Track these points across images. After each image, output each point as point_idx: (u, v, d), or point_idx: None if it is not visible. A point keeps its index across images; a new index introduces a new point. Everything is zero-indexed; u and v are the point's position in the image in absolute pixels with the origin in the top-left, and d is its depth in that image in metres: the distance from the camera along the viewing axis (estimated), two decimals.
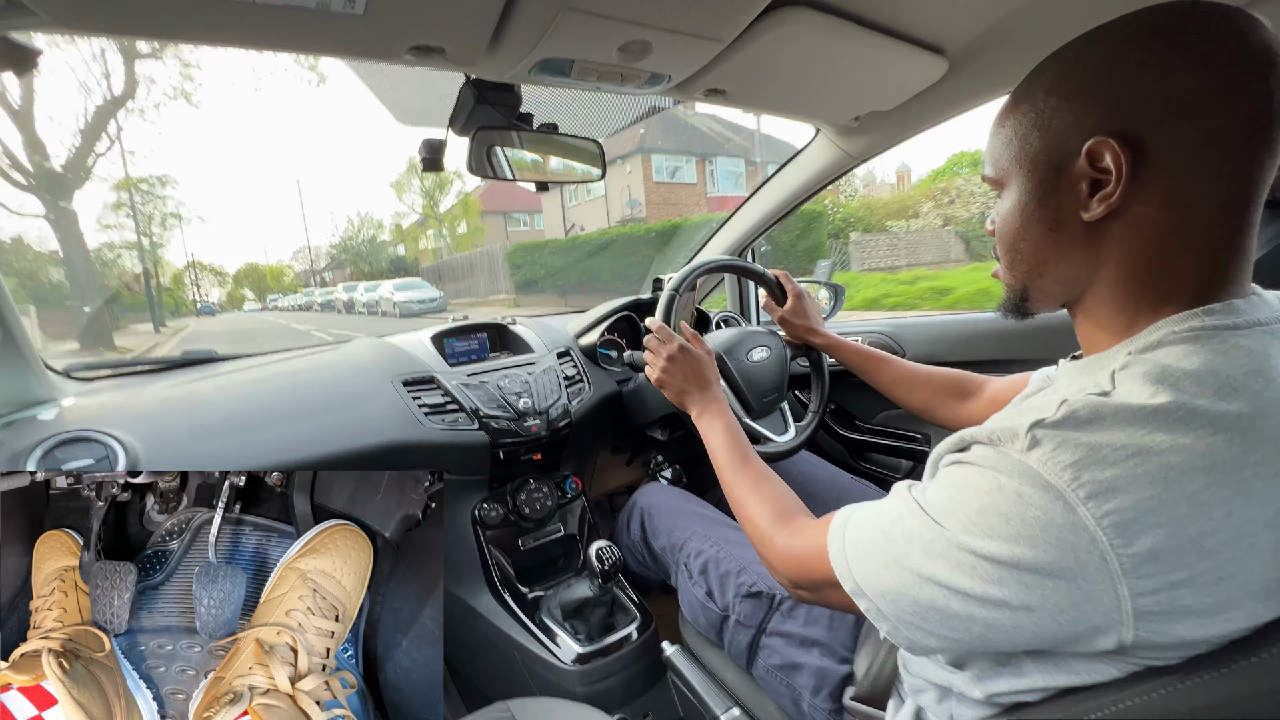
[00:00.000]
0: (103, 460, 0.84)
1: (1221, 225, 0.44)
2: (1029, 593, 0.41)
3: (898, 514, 0.50)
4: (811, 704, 0.80)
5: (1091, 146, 0.45)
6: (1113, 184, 0.45)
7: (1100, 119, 0.45)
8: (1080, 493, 0.39)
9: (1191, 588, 0.38)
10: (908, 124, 1.19)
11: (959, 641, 0.47)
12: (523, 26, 0.74)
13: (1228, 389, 0.40)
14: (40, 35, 0.68)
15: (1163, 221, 0.45)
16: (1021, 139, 0.51)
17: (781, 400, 1.26)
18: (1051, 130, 0.49)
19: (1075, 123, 0.47)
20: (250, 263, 67.24)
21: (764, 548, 0.69)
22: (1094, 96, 0.46)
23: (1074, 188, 0.48)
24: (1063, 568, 0.39)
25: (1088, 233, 0.48)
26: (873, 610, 0.51)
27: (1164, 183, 0.44)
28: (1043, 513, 0.40)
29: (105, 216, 22.68)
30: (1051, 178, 0.49)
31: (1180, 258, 0.45)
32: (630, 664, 1.14)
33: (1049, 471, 0.40)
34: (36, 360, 0.95)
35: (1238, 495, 0.38)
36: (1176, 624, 0.39)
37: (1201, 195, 0.44)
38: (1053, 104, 0.48)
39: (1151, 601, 0.38)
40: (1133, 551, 0.38)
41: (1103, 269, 0.49)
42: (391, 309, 18.65)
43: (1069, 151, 0.47)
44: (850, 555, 0.53)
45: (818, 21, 0.82)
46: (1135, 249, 0.47)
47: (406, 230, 33.13)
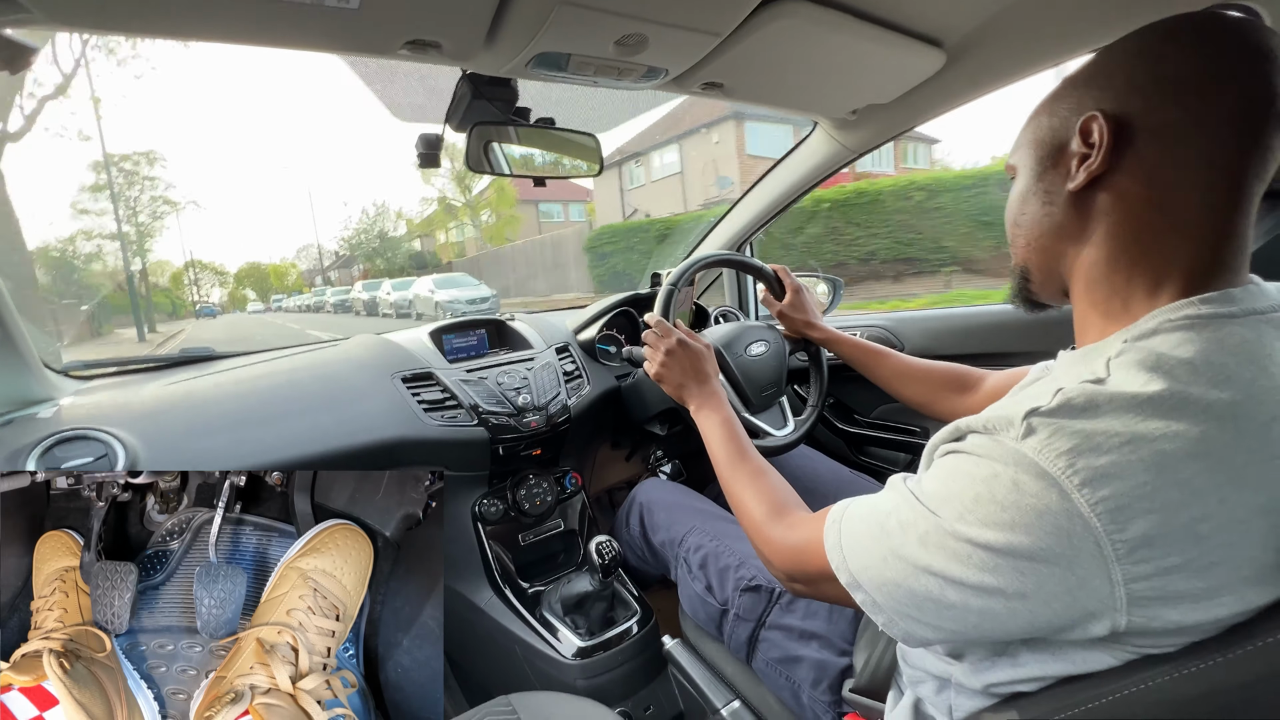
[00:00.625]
0: (102, 459, 0.84)
1: (1208, 210, 0.45)
2: (1024, 580, 0.41)
3: (893, 506, 0.50)
4: (811, 696, 0.81)
5: (1083, 123, 0.48)
6: (1095, 154, 0.48)
7: (1096, 100, 0.49)
8: (1075, 479, 0.39)
9: (1184, 573, 0.39)
10: (906, 117, 1.18)
11: (955, 632, 0.47)
12: (519, 20, 0.73)
13: (1221, 377, 0.41)
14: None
15: (1145, 197, 0.47)
16: (1034, 127, 0.55)
17: (780, 395, 1.26)
18: (1057, 115, 0.52)
19: (1077, 106, 0.50)
20: (252, 261, 64.42)
21: (760, 542, 0.70)
22: (1095, 83, 0.49)
23: (1067, 164, 0.51)
24: (1057, 554, 0.40)
25: (1074, 203, 0.51)
26: (869, 602, 0.51)
27: (1147, 159, 0.46)
28: (1037, 500, 0.40)
29: (82, 200, 19.64)
30: (1053, 155, 0.53)
31: (1167, 238, 0.47)
32: (630, 658, 1.15)
33: (1044, 459, 0.41)
34: (35, 359, 0.95)
35: (1230, 482, 0.38)
36: (1169, 609, 0.40)
37: (1185, 176, 0.45)
38: (1063, 91, 0.52)
39: (1144, 587, 0.39)
40: (1126, 537, 0.38)
41: (1091, 241, 0.51)
42: (432, 311, 14.97)
43: (1068, 133, 0.51)
44: (846, 548, 0.54)
45: (815, 14, 0.81)
46: (1120, 222, 0.49)
47: (433, 219, 29.50)
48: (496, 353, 1.38)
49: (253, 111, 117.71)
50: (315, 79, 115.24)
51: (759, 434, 1.17)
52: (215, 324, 27.42)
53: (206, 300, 50.28)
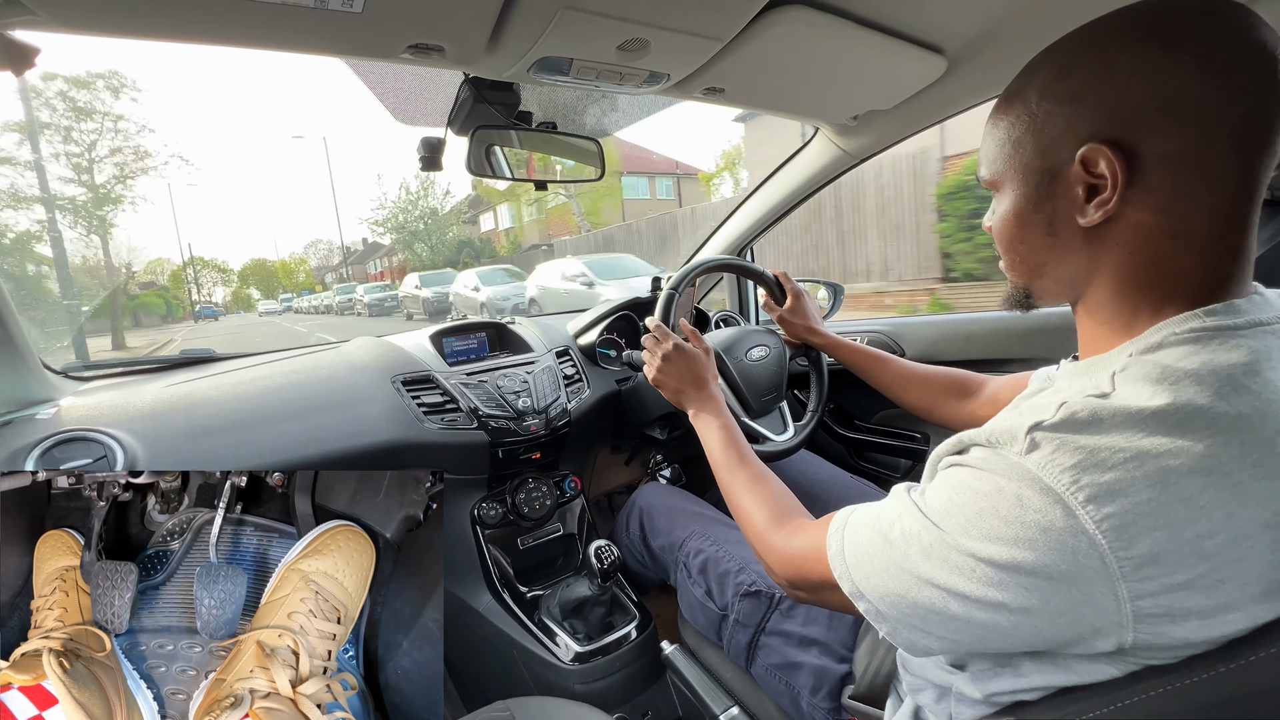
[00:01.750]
0: (101, 460, 0.84)
1: (1219, 226, 0.44)
2: (1028, 596, 0.41)
3: (896, 516, 0.50)
4: (810, 703, 0.81)
5: (1085, 153, 0.45)
6: (1109, 190, 0.45)
7: (1094, 125, 0.45)
8: (1079, 496, 0.39)
9: (1191, 590, 0.38)
10: (907, 123, 1.19)
11: (958, 643, 0.47)
12: (522, 25, 0.74)
13: (1227, 389, 0.40)
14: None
15: (1159, 226, 0.45)
16: (1015, 142, 0.51)
17: (780, 399, 1.27)
18: (1045, 135, 0.48)
19: (1068, 128, 0.47)
20: (257, 258, 59.18)
21: (761, 548, 0.69)
22: (1086, 102, 0.45)
23: (1069, 193, 0.47)
24: (1062, 571, 0.39)
25: (1086, 237, 0.48)
26: (872, 611, 0.51)
27: (1160, 188, 0.44)
28: (1042, 516, 0.40)
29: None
30: (1046, 182, 0.49)
31: (1179, 260, 0.45)
32: (629, 663, 1.14)
33: (1048, 474, 0.40)
34: (35, 360, 0.95)
35: (1236, 498, 0.38)
36: (1176, 626, 0.39)
37: (1198, 199, 0.43)
38: (1045, 108, 0.48)
39: (1151, 604, 0.38)
40: (1132, 554, 0.38)
41: (1101, 271, 0.49)
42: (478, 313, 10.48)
43: (1063, 157, 0.47)
44: (849, 557, 0.53)
45: (816, 20, 0.82)
46: (1133, 253, 0.46)
47: (507, 192, 22.95)
48: (497, 356, 1.38)
49: (255, 67, 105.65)
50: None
51: (759, 439, 1.17)
52: (215, 328, 24.39)
53: (209, 300, 46.69)
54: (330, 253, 42.03)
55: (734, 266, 1.31)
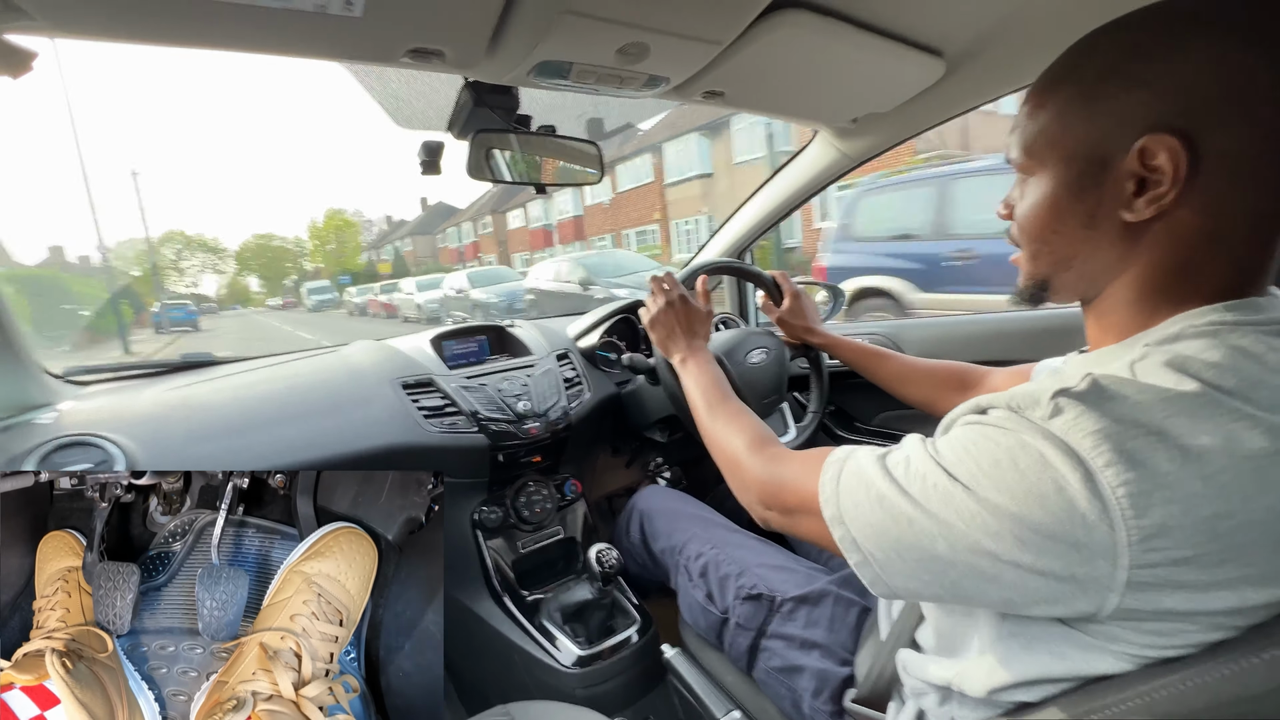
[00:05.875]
0: (100, 464, 0.84)
1: (1257, 231, 0.44)
2: (1023, 550, 0.41)
3: (904, 456, 0.49)
4: (812, 706, 0.80)
5: (1145, 143, 0.43)
6: (1167, 185, 0.43)
7: (1160, 113, 0.42)
8: (1100, 460, 0.39)
9: (1192, 565, 0.38)
10: (906, 125, 1.19)
11: (927, 585, 0.46)
12: (522, 29, 0.74)
13: (1249, 383, 0.40)
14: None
15: (1201, 228, 0.44)
16: (1060, 124, 0.48)
17: (781, 401, 1.27)
18: (1099, 120, 0.46)
19: (1129, 114, 0.44)
20: (261, 233, 43.53)
21: (738, 470, 0.69)
22: (1155, 87, 0.43)
23: (1118, 184, 0.45)
24: (1066, 531, 0.39)
25: (1124, 233, 0.47)
26: (846, 539, 0.50)
27: (1213, 189, 0.42)
28: (1060, 475, 0.40)
29: None
30: (1093, 171, 0.47)
31: (1209, 264, 0.45)
32: (630, 667, 1.14)
33: (1072, 437, 0.40)
34: (34, 364, 0.95)
35: (1255, 482, 0.38)
36: (1165, 596, 0.39)
37: (1244, 201, 0.43)
38: (1108, 90, 0.45)
39: (1149, 574, 0.39)
40: (1143, 523, 0.38)
41: (1130, 270, 0.48)
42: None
43: (1117, 145, 0.45)
44: (843, 484, 0.52)
45: (815, 24, 0.82)
46: (1168, 254, 0.46)
47: None
48: (496, 359, 1.38)
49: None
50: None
51: None
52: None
53: (180, 299, 31.71)
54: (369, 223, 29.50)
55: (732, 268, 1.32)
